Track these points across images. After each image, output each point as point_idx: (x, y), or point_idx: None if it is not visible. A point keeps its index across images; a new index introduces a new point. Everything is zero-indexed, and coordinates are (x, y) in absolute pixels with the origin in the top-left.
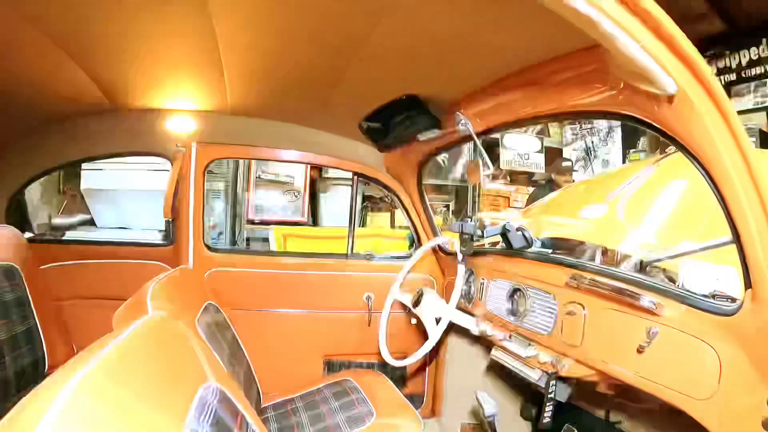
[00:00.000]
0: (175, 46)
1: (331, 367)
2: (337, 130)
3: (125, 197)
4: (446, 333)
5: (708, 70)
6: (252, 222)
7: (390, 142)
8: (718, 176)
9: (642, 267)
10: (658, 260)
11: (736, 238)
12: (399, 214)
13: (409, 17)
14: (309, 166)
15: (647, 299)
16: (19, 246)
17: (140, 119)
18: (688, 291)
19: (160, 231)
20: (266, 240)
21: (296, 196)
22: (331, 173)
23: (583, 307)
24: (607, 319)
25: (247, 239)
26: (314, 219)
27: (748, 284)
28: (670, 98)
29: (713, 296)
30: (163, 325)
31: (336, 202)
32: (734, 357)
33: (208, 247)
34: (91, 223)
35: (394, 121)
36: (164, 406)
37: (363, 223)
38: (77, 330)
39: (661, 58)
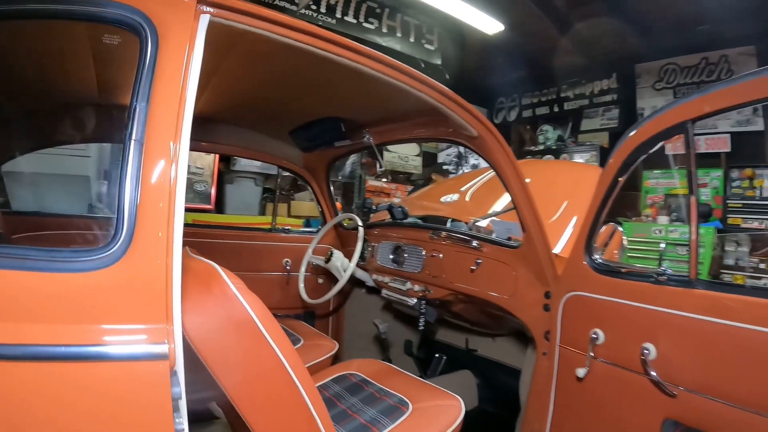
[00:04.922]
0: None
1: None
2: (273, 135)
3: (44, 180)
4: (346, 287)
5: (491, 125)
6: None
7: (310, 146)
8: (504, 177)
9: (473, 226)
10: (480, 221)
11: (515, 207)
12: (294, 204)
13: (337, 82)
14: (217, 158)
15: (474, 243)
16: None
17: (110, 114)
18: (496, 237)
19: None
20: None
21: (205, 186)
22: (237, 167)
23: (440, 252)
24: (454, 257)
25: None
26: (219, 207)
27: (524, 231)
28: (475, 138)
29: (509, 239)
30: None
31: (240, 192)
32: (522, 271)
33: None
34: (5, 206)
35: (318, 132)
36: None
37: (263, 212)
38: None
39: (466, 119)
